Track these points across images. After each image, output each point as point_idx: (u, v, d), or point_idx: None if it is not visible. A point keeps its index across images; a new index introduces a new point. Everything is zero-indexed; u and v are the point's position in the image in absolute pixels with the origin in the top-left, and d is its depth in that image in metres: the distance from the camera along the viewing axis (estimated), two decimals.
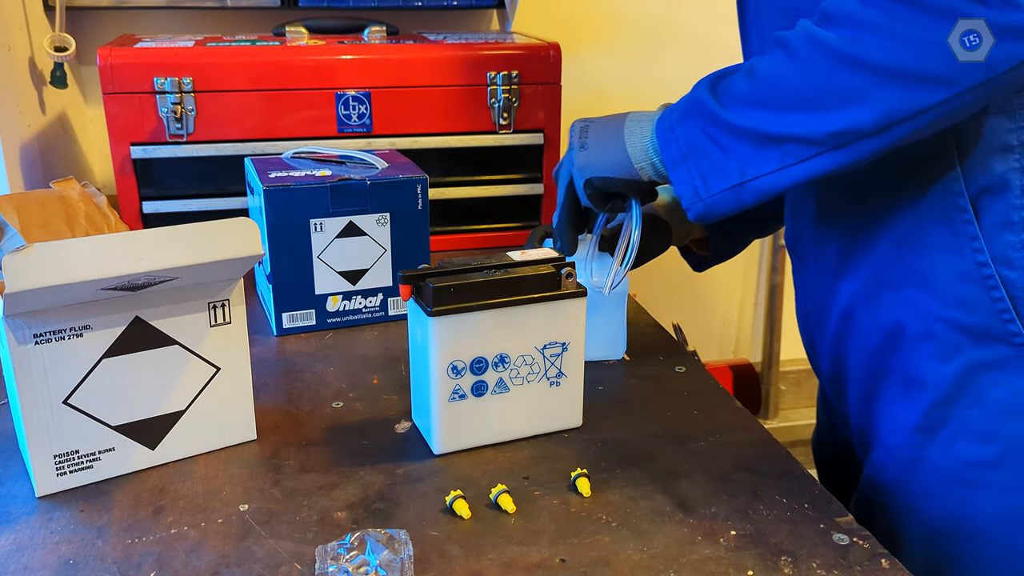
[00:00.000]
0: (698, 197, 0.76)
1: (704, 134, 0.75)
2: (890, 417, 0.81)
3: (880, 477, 0.82)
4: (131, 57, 1.21)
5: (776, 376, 2.18)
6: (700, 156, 0.76)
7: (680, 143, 0.77)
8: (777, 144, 0.71)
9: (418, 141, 1.30)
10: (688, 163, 0.77)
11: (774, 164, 0.72)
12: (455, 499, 0.72)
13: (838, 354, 0.87)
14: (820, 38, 0.68)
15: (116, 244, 0.69)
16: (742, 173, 0.74)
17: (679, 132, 0.77)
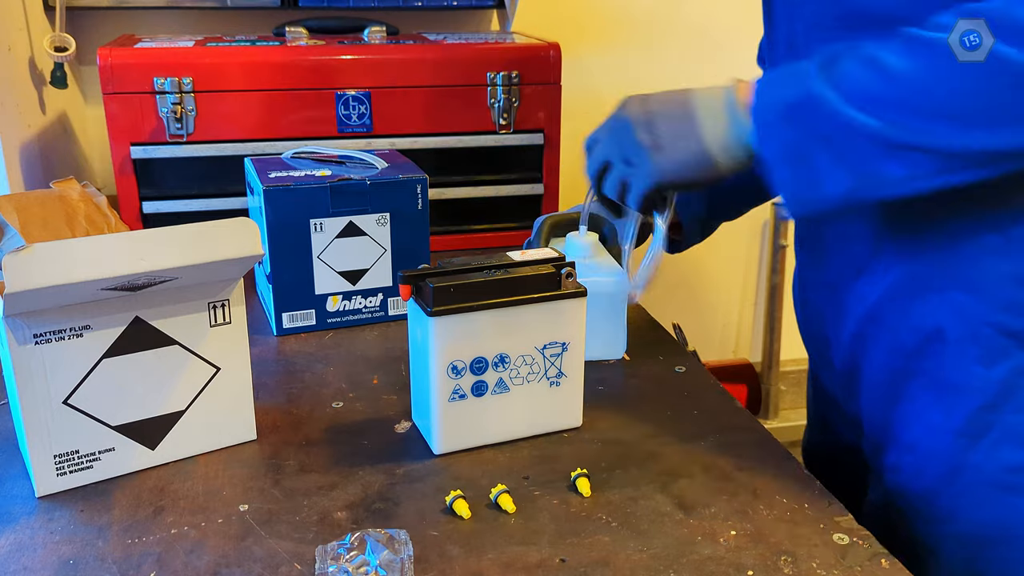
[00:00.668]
0: (804, 200, 0.71)
1: (817, 133, 0.68)
2: (922, 420, 0.79)
3: (912, 482, 0.81)
4: (131, 57, 1.21)
5: (776, 376, 2.18)
6: (811, 157, 0.69)
7: (786, 140, 0.70)
8: (907, 152, 0.65)
9: (418, 141, 1.30)
10: (795, 163, 0.70)
11: (900, 172, 0.66)
12: (455, 499, 0.72)
13: (856, 354, 0.86)
14: (1003, 54, 0.61)
15: (116, 244, 0.69)
16: (860, 179, 0.68)
17: (785, 128, 0.70)
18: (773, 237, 2.06)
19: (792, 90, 0.70)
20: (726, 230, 1.61)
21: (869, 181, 0.68)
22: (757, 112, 0.72)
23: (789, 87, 0.70)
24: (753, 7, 1.11)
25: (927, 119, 0.65)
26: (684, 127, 0.76)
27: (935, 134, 0.65)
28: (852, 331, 0.85)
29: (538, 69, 1.32)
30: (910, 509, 0.81)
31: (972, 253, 0.74)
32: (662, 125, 0.77)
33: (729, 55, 1.22)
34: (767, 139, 0.71)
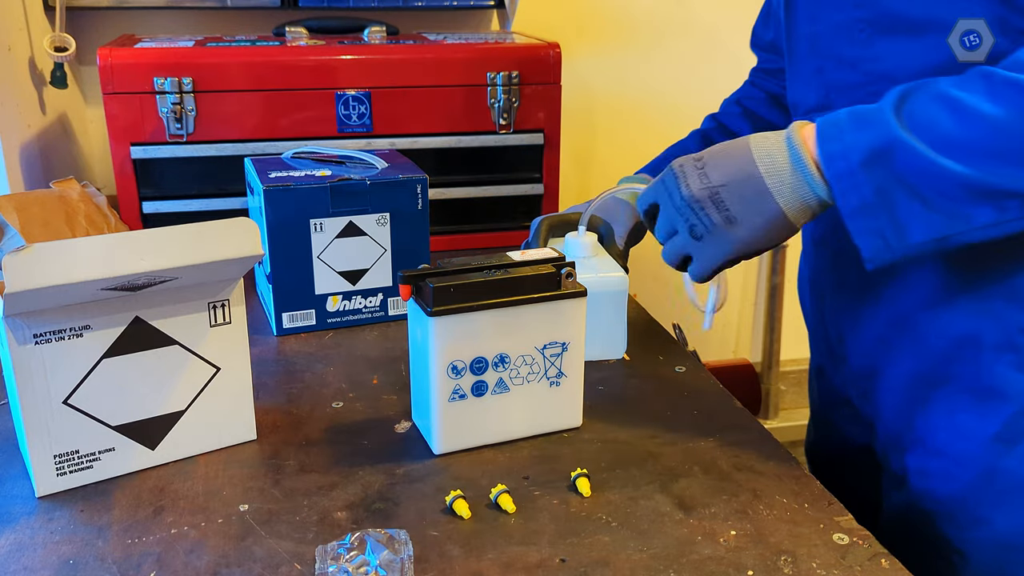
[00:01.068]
0: (888, 249, 0.68)
1: (901, 181, 0.65)
2: (953, 425, 0.79)
3: (942, 486, 0.80)
4: (131, 57, 1.21)
5: (776, 376, 2.18)
6: (894, 206, 0.66)
7: (866, 191, 0.67)
8: (998, 198, 0.64)
9: (418, 141, 1.30)
10: (877, 213, 0.67)
11: (988, 218, 0.64)
12: (455, 499, 0.72)
13: (877, 356, 0.85)
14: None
15: (116, 244, 0.69)
16: (948, 227, 0.65)
17: (866, 177, 0.67)
18: None
19: (869, 136, 0.67)
20: None
21: (958, 228, 0.65)
22: (831, 161, 0.68)
23: (865, 132, 0.67)
24: (754, 7, 1.11)
25: (1018, 164, 0.63)
26: (755, 198, 0.72)
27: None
28: (876, 333, 0.84)
29: (538, 69, 1.32)
30: (939, 513, 0.80)
31: (1014, 261, 0.74)
32: (730, 199, 0.73)
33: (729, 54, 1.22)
34: (847, 190, 0.68)
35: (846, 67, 0.80)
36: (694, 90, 1.68)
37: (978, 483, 0.78)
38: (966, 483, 0.79)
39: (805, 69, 0.86)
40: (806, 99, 0.86)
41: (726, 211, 0.72)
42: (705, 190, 0.73)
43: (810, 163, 0.70)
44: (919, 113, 0.66)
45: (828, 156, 0.68)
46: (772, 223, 0.72)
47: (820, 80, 0.83)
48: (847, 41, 0.79)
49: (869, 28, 0.76)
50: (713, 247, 0.75)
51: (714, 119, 1.12)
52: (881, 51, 0.76)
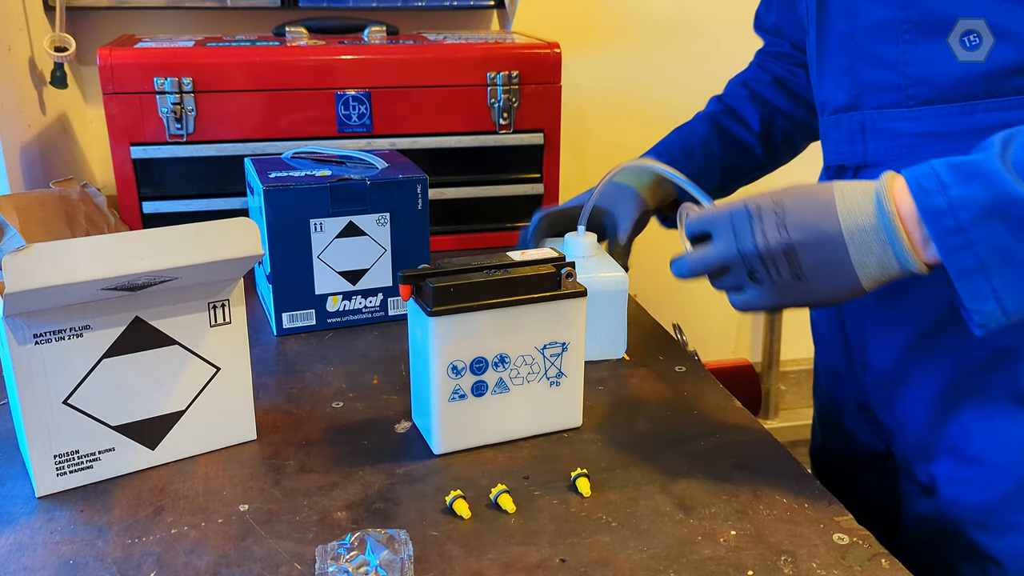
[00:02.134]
0: (1002, 312, 0.63)
1: (1019, 238, 0.61)
2: (990, 433, 0.77)
3: (978, 494, 0.79)
4: (131, 57, 1.21)
5: (776, 376, 2.18)
6: (1011, 266, 0.62)
7: (979, 250, 0.62)
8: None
9: (418, 141, 1.31)
10: (990, 274, 0.62)
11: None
12: (455, 499, 0.72)
13: (905, 364, 0.83)
14: None
15: (116, 244, 0.69)
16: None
17: (978, 236, 0.62)
18: None
19: (982, 193, 0.61)
20: None
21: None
22: (935, 218, 0.63)
23: (972, 186, 0.62)
24: (753, 6, 1.11)
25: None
26: (834, 265, 0.67)
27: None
28: (904, 342, 0.82)
29: (538, 69, 1.32)
30: (970, 520, 0.79)
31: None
32: (806, 259, 0.67)
33: (729, 54, 1.22)
34: (958, 249, 0.62)
35: (883, 68, 0.77)
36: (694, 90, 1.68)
37: (1015, 490, 0.77)
38: (1004, 491, 0.77)
39: (835, 67, 0.83)
40: (835, 99, 0.83)
41: (798, 269, 0.68)
42: (781, 245, 0.67)
43: (900, 229, 0.65)
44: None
45: (932, 213, 0.63)
46: (844, 290, 0.68)
47: (851, 80, 0.81)
48: (887, 41, 0.76)
49: (914, 30, 0.74)
50: (770, 296, 0.70)
51: (720, 101, 1.10)
52: (924, 54, 0.74)
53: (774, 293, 0.70)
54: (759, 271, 0.69)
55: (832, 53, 0.83)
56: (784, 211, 0.68)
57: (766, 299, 0.71)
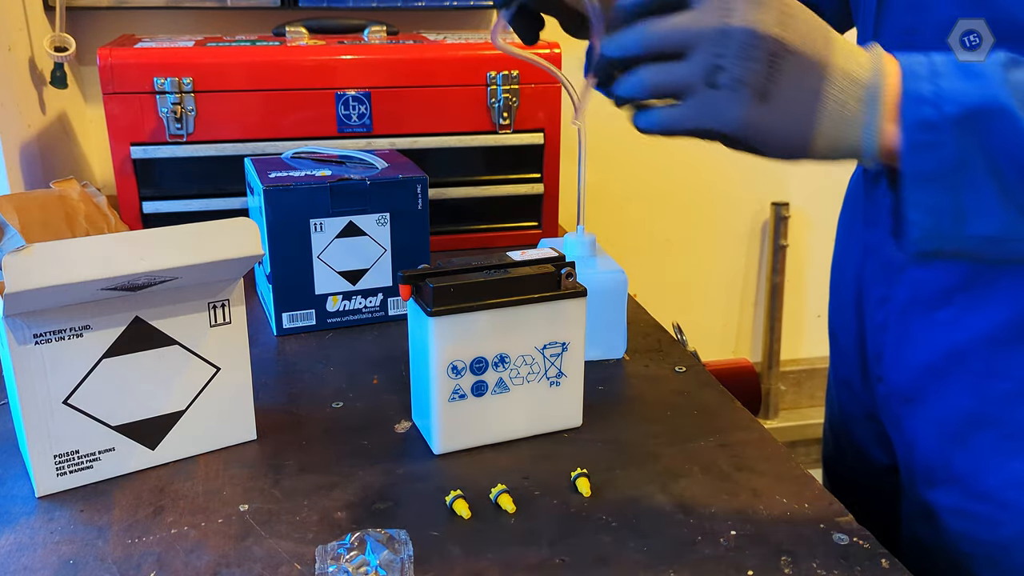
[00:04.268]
0: (939, 235, 0.56)
1: (988, 157, 0.54)
2: (1002, 471, 0.74)
3: (986, 531, 0.76)
4: (131, 57, 1.21)
5: (776, 376, 2.18)
6: (969, 185, 0.54)
7: (945, 156, 0.54)
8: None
9: (418, 141, 1.30)
10: (944, 186, 0.55)
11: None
12: (455, 499, 0.72)
13: (923, 384, 0.79)
14: None
15: (116, 244, 0.69)
16: (1012, 228, 0.55)
17: (951, 139, 0.54)
18: (773, 237, 2.06)
19: (973, 90, 0.54)
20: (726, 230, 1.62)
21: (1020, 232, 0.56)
22: (915, 104, 0.55)
23: (967, 84, 0.54)
24: None
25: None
26: (806, 93, 0.55)
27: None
28: (924, 361, 0.78)
29: (538, 69, 1.32)
30: (979, 556, 0.77)
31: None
32: (786, 73, 0.55)
33: None
34: (927, 146, 0.54)
35: None
36: None
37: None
38: (1014, 531, 0.74)
39: None
40: None
41: (768, 83, 0.55)
42: (774, 40, 0.54)
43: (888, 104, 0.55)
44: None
45: (913, 98, 0.54)
46: (794, 135, 0.56)
47: None
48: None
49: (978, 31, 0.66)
50: (724, 106, 0.56)
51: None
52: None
53: (729, 103, 0.56)
54: (726, 68, 0.55)
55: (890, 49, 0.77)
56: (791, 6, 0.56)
57: (715, 110, 0.56)
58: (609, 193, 1.91)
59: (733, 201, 2.04)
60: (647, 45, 0.57)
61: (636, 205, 1.97)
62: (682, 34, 0.56)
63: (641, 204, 1.98)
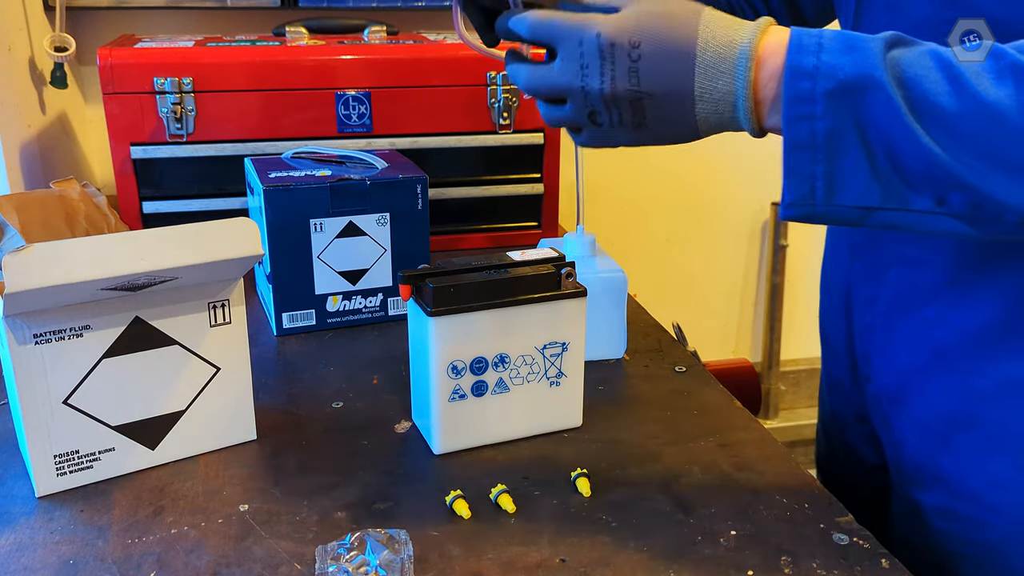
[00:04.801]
0: (812, 202, 0.59)
1: (859, 130, 0.57)
2: (986, 472, 0.74)
3: (973, 532, 0.76)
4: (131, 57, 1.21)
5: (776, 376, 2.18)
6: (840, 156, 0.57)
7: (818, 127, 0.57)
8: (945, 187, 0.57)
9: (418, 141, 1.30)
10: (818, 156, 0.58)
11: (926, 204, 0.57)
12: (455, 499, 0.72)
13: (907, 384, 0.80)
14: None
15: (116, 244, 0.69)
16: (884, 199, 0.58)
17: (823, 112, 0.57)
18: (773, 237, 2.06)
19: (851, 67, 0.56)
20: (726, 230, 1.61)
21: (891, 204, 0.58)
22: (795, 78, 0.57)
23: (846, 58, 0.57)
24: None
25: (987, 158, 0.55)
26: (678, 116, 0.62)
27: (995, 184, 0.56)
28: (911, 361, 0.79)
29: None
30: (966, 556, 0.77)
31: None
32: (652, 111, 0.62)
33: None
34: (800, 116, 0.57)
35: None
36: None
37: (1013, 535, 0.74)
38: (1000, 533, 0.75)
39: None
40: None
41: (641, 118, 0.63)
42: (629, 94, 0.62)
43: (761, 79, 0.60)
44: (910, 64, 0.56)
45: (795, 72, 0.57)
46: (681, 139, 0.64)
47: None
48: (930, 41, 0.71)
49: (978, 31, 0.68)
50: (609, 138, 0.65)
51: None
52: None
53: (612, 136, 0.65)
54: (601, 113, 0.63)
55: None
56: (640, 56, 0.61)
57: (602, 139, 0.66)
58: (609, 193, 1.91)
59: (733, 201, 2.04)
60: (531, 92, 0.66)
61: (636, 205, 1.97)
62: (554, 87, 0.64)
63: (641, 204, 1.98)
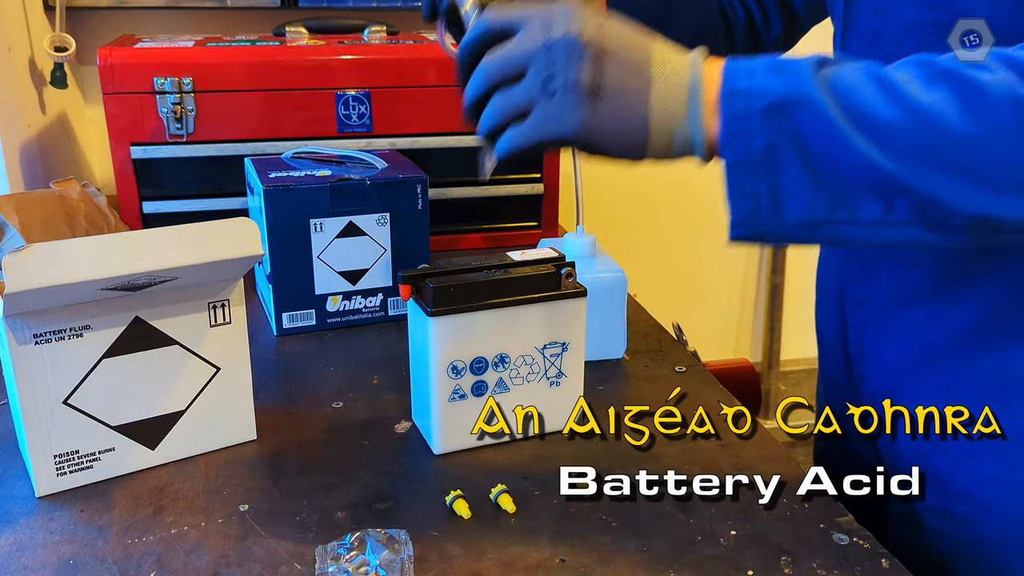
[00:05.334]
0: (758, 219, 0.59)
1: (797, 145, 0.57)
2: (979, 470, 0.75)
3: (966, 531, 0.77)
4: (131, 57, 1.21)
5: (776, 376, 2.18)
6: (781, 171, 0.58)
7: (755, 144, 0.58)
8: (891, 194, 0.57)
9: (418, 141, 1.30)
10: (758, 173, 0.58)
11: (873, 215, 0.58)
12: (455, 499, 0.72)
13: (900, 383, 0.80)
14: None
15: (116, 244, 0.69)
16: (829, 211, 0.58)
17: (760, 128, 0.58)
18: None
19: (780, 84, 0.58)
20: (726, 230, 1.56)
21: (839, 216, 0.59)
22: (730, 99, 0.59)
23: (777, 79, 0.58)
24: None
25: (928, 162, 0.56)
26: (634, 88, 0.60)
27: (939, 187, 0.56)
28: (902, 360, 0.80)
29: None
30: (961, 556, 0.78)
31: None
32: (611, 73, 0.60)
33: None
34: (737, 135, 0.58)
35: None
36: None
37: (1005, 533, 0.75)
38: (992, 531, 0.75)
39: None
40: None
41: (598, 83, 0.60)
42: (595, 43, 0.60)
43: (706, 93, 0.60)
44: (842, 79, 0.58)
45: (729, 94, 0.59)
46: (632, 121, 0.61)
47: None
48: (915, 43, 0.71)
49: (940, 32, 0.69)
50: (563, 111, 0.61)
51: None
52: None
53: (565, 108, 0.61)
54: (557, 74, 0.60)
55: (858, 51, 0.79)
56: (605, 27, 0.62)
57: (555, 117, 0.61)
58: (609, 193, 1.91)
59: None
60: (489, 77, 0.64)
61: (636, 205, 1.97)
62: (515, 56, 0.62)
63: (641, 204, 1.98)
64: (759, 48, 1.02)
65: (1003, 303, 0.72)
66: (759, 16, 1.00)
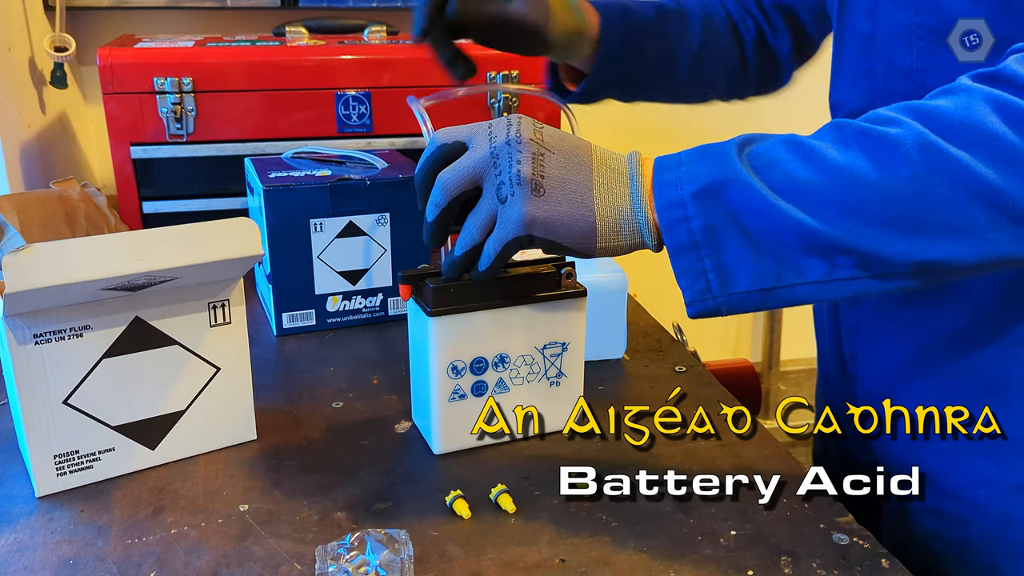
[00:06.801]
0: (710, 295, 0.63)
1: (733, 221, 0.61)
2: (969, 470, 0.76)
3: (955, 530, 0.78)
4: (131, 57, 1.21)
5: (776, 376, 2.18)
6: (722, 247, 0.61)
7: (694, 227, 0.62)
8: (830, 253, 0.60)
9: (418, 141, 1.31)
10: (702, 253, 0.62)
11: (819, 274, 0.61)
12: (455, 499, 0.72)
13: (892, 384, 0.81)
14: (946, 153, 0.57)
15: (116, 244, 0.69)
16: (777, 277, 0.61)
17: (695, 212, 0.61)
18: None
19: (706, 167, 0.62)
20: None
21: (787, 279, 0.61)
22: (662, 190, 0.63)
23: (701, 164, 0.62)
24: None
25: (856, 218, 0.59)
26: (577, 186, 0.65)
27: (869, 239, 0.59)
28: (894, 361, 0.80)
29: (538, 69, 1.32)
30: (952, 556, 0.78)
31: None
32: (552, 172, 0.65)
33: None
34: (675, 222, 0.62)
35: (899, 76, 0.74)
36: None
37: (993, 533, 0.75)
38: (981, 531, 0.76)
39: (853, 69, 0.79)
40: (849, 101, 0.80)
41: (540, 176, 0.64)
42: (534, 142, 0.65)
43: (644, 185, 0.64)
44: (763, 154, 0.61)
45: (660, 185, 0.63)
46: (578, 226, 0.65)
47: (869, 84, 0.77)
48: (905, 47, 0.73)
49: (929, 36, 0.70)
50: (513, 211, 0.65)
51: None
52: (938, 63, 0.70)
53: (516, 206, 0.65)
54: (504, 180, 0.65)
55: (850, 54, 0.80)
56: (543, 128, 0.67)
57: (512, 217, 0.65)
58: None
59: None
60: (447, 191, 0.69)
61: None
62: (466, 166, 0.67)
63: None
64: (773, 67, 1.03)
65: (992, 304, 0.73)
66: (769, 32, 1.01)
